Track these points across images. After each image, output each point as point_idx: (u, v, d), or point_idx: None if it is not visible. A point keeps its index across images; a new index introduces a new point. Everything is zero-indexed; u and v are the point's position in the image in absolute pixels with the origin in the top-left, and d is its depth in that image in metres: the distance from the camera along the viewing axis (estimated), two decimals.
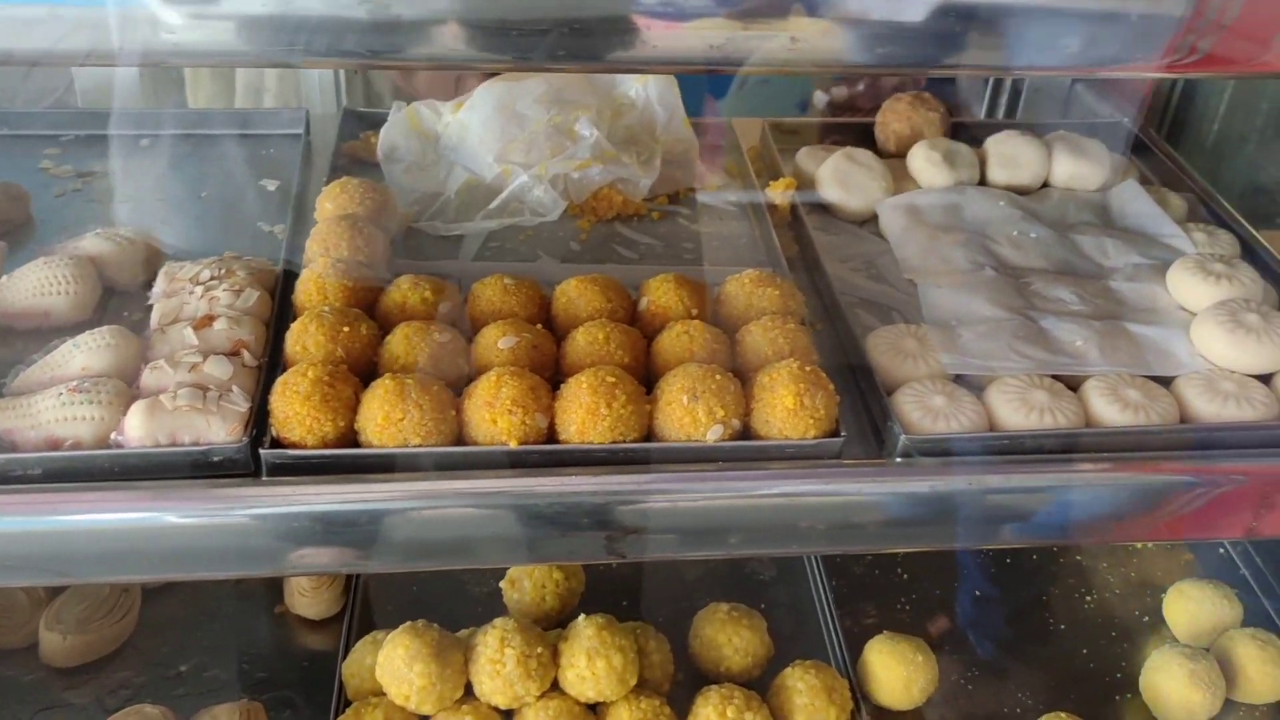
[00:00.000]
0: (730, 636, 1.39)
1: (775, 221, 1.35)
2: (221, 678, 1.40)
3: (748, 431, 1.02)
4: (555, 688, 1.29)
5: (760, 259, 1.30)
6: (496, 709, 1.28)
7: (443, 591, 1.53)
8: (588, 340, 1.05)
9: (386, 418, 0.95)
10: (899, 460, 1.01)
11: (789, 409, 0.98)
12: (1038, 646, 1.53)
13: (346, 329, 1.03)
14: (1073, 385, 1.10)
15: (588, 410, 0.97)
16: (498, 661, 1.24)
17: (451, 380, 1.02)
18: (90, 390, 0.97)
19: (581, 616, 1.30)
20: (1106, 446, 1.04)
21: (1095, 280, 1.27)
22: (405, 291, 1.11)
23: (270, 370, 1.03)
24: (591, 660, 1.25)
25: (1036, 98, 1.76)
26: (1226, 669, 1.46)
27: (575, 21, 0.73)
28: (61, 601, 1.42)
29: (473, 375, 1.03)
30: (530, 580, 1.45)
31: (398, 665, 1.23)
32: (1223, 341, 1.12)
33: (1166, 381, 1.12)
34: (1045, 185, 1.46)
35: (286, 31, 0.72)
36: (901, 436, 1.01)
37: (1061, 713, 1.41)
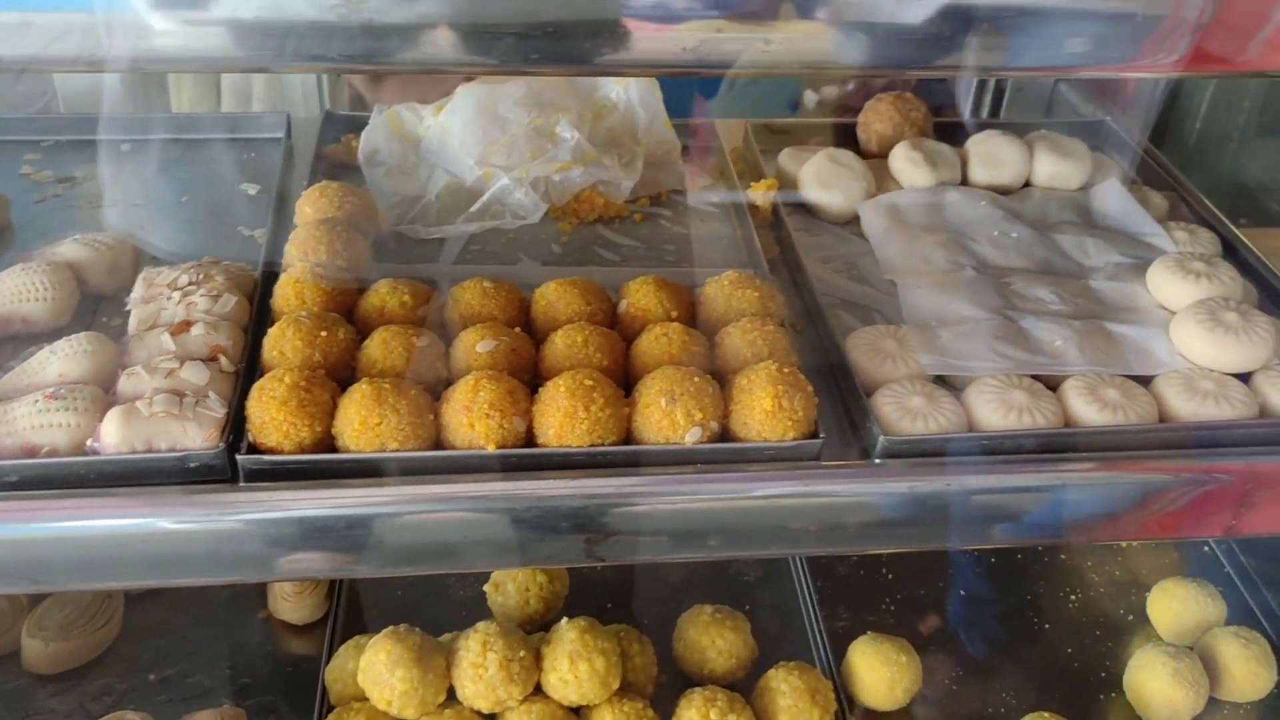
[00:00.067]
0: (714, 639, 1.39)
1: (757, 222, 1.35)
2: (204, 683, 1.39)
3: (727, 434, 1.01)
4: (538, 691, 1.29)
5: (742, 260, 1.30)
6: (479, 713, 1.28)
7: (427, 596, 1.53)
8: (566, 343, 1.05)
9: (364, 422, 0.95)
10: (878, 461, 1.02)
11: (767, 411, 0.98)
12: (1022, 646, 1.53)
13: (324, 334, 1.03)
14: (1052, 385, 1.10)
15: (565, 413, 0.96)
16: (480, 665, 1.24)
17: (430, 384, 1.02)
18: (67, 397, 0.96)
19: (564, 620, 1.30)
20: (1085, 446, 1.04)
21: (1076, 279, 1.27)
22: (384, 295, 1.11)
23: (248, 376, 1.02)
24: (574, 663, 1.25)
25: (1019, 97, 1.77)
26: (1210, 667, 1.46)
27: (555, 24, 0.73)
28: (44, 608, 1.41)
29: (451, 379, 1.02)
30: (514, 584, 1.44)
31: (379, 670, 1.23)
32: (1202, 340, 1.12)
33: (1146, 381, 1.12)
34: (1027, 185, 1.46)
35: (271, 36, 0.72)
36: (880, 437, 1.01)
37: (1045, 712, 1.41)
